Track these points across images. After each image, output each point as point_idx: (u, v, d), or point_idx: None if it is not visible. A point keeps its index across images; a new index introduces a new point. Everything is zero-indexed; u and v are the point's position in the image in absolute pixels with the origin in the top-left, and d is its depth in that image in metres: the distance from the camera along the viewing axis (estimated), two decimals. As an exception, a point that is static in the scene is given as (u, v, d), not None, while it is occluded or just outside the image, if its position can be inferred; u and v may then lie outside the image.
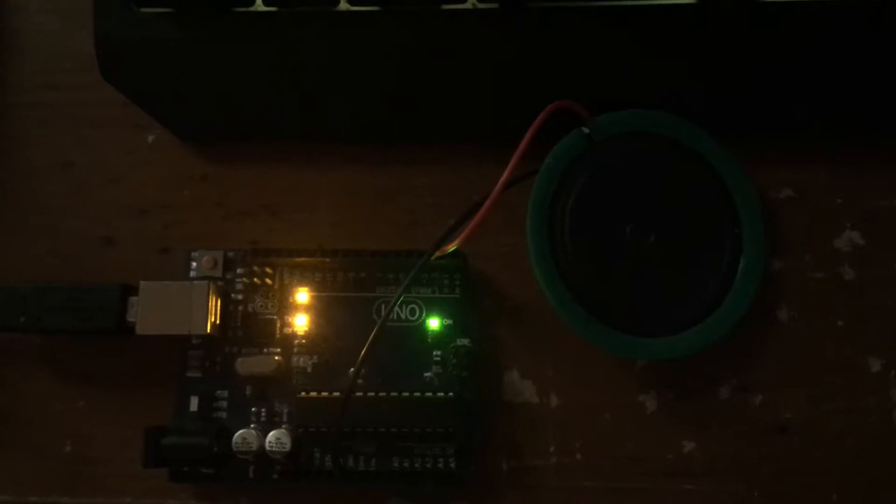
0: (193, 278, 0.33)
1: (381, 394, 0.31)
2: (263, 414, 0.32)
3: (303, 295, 0.33)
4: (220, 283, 0.33)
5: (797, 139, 0.35)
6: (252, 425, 0.32)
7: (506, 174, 0.30)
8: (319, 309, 0.33)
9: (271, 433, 0.31)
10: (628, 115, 0.33)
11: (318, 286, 0.33)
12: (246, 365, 0.32)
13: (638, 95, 0.33)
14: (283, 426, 0.32)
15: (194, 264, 0.34)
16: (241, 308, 0.33)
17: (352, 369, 0.31)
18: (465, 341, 0.33)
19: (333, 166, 0.36)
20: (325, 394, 0.31)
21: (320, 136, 0.36)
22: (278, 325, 0.33)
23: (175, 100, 0.34)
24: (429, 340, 0.33)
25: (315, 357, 0.33)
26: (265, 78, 0.33)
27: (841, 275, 0.34)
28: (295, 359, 0.33)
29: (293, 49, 0.31)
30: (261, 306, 0.33)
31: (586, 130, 0.33)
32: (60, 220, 0.35)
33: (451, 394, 0.31)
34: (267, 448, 0.31)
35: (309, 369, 0.33)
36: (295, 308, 0.33)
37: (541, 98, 0.31)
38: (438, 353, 0.33)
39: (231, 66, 0.32)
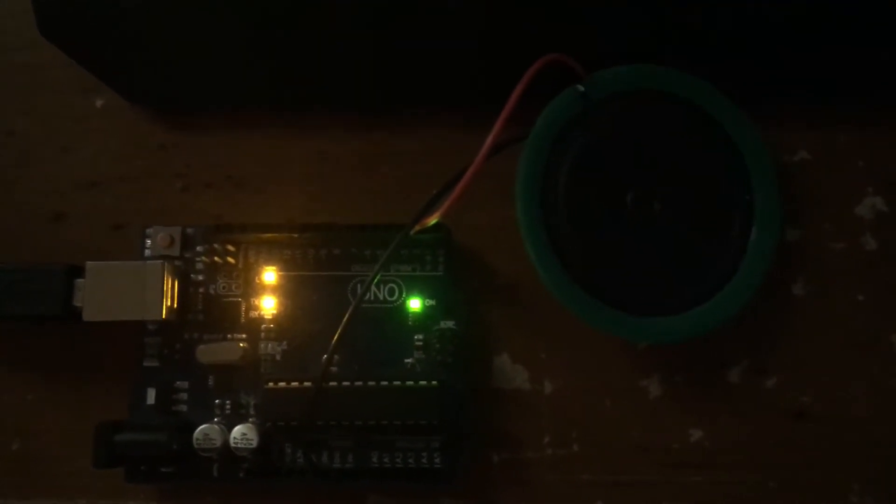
0: (147, 257, 0.32)
1: (358, 383, 0.30)
2: (228, 406, 0.31)
3: (270, 275, 0.32)
4: (177, 262, 0.32)
5: (813, 96, 0.33)
6: (215, 419, 0.31)
7: (490, 138, 0.29)
8: (289, 290, 0.32)
9: (236, 428, 0.30)
10: (628, 70, 0.32)
11: (286, 265, 0.32)
12: (208, 353, 0.31)
13: (639, 50, 0.31)
14: (250, 420, 0.31)
15: (149, 242, 0.32)
16: (201, 290, 0.32)
17: (325, 356, 0.30)
18: (450, 323, 0.31)
19: (307, 133, 0.34)
20: (295, 383, 0.30)
21: (291, 100, 0.34)
22: (243, 308, 0.32)
23: (124, 59, 0.32)
24: (410, 323, 0.32)
25: (284, 343, 0.32)
26: (226, 31, 0.31)
27: (862, 245, 0.33)
28: (262, 345, 0.32)
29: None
30: (223, 288, 0.32)
31: (581, 89, 0.31)
32: (4, 194, 0.34)
33: (434, 382, 0.30)
34: (232, 444, 0.30)
35: (278, 357, 0.31)
36: (262, 289, 0.32)
37: (533, 56, 0.29)
38: (420, 336, 0.31)
39: (186, 19, 0.30)
